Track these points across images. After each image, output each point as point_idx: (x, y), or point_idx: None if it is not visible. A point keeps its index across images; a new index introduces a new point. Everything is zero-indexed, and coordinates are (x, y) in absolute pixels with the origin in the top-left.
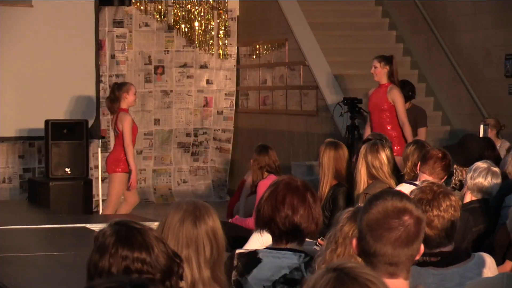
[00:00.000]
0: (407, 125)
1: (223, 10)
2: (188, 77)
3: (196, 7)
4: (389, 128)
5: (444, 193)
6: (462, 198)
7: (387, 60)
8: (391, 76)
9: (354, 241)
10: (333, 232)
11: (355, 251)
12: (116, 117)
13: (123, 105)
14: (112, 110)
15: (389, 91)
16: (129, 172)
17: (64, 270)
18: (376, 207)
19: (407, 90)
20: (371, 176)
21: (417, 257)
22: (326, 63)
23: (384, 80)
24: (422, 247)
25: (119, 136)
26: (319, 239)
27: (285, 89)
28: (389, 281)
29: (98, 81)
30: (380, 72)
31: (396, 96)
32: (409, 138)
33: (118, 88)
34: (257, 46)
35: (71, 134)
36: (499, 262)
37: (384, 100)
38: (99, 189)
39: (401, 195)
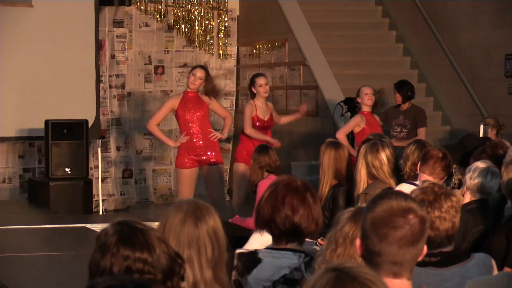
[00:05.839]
0: None
1: (223, 10)
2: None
3: (196, 7)
4: None
5: (445, 194)
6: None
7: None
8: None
9: (358, 241)
10: (333, 232)
11: (358, 252)
12: None
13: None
14: None
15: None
16: None
17: (64, 270)
18: (381, 205)
19: (406, 90)
20: (371, 176)
21: (420, 258)
22: (326, 63)
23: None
24: (425, 247)
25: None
26: (319, 239)
27: (285, 89)
28: (392, 281)
29: (98, 81)
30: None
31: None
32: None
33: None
34: (257, 46)
35: (71, 134)
36: (497, 268)
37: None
38: (99, 189)
39: (405, 195)
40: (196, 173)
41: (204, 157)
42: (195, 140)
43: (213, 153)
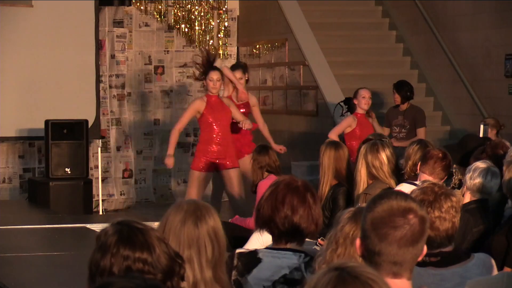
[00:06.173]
0: None
1: (223, 10)
2: (188, 77)
3: (196, 7)
4: None
5: (445, 194)
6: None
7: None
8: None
9: (358, 241)
10: (333, 232)
11: (358, 252)
12: None
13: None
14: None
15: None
16: None
17: (64, 270)
18: (381, 205)
19: (405, 91)
20: (371, 176)
21: (420, 258)
22: (326, 63)
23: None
24: (425, 247)
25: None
26: (319, 239)
27: (285, 89)
28: (392, 281)
29: (98, 81)
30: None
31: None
32: None
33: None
34: (257, 46)
35: (71, 134)
36: (497, 268)
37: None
38: (99, 189)
39: (405, 195)
40: (209, 178)
41: (222, 162)
42: (214, 144)
43: (229, 158)
